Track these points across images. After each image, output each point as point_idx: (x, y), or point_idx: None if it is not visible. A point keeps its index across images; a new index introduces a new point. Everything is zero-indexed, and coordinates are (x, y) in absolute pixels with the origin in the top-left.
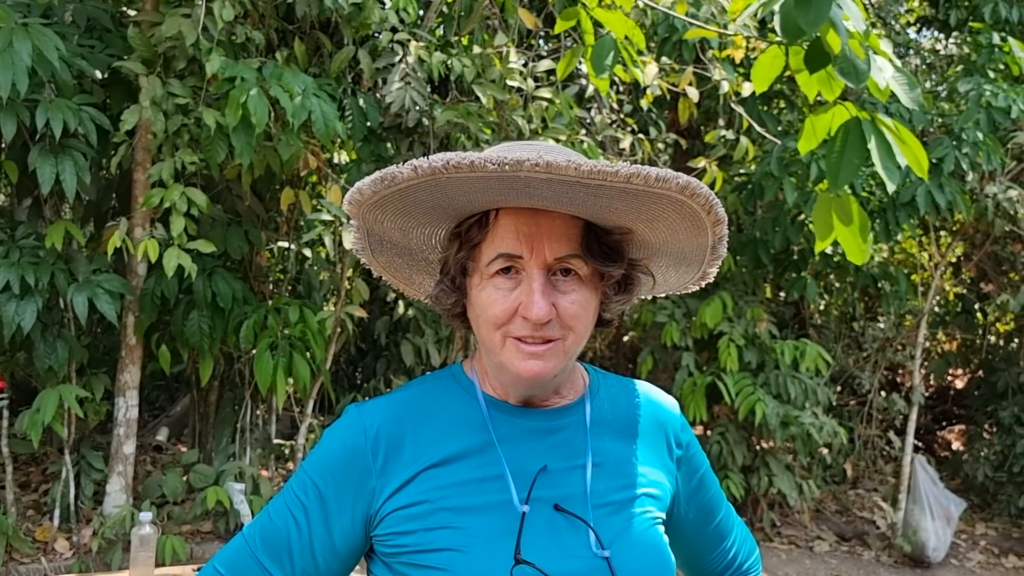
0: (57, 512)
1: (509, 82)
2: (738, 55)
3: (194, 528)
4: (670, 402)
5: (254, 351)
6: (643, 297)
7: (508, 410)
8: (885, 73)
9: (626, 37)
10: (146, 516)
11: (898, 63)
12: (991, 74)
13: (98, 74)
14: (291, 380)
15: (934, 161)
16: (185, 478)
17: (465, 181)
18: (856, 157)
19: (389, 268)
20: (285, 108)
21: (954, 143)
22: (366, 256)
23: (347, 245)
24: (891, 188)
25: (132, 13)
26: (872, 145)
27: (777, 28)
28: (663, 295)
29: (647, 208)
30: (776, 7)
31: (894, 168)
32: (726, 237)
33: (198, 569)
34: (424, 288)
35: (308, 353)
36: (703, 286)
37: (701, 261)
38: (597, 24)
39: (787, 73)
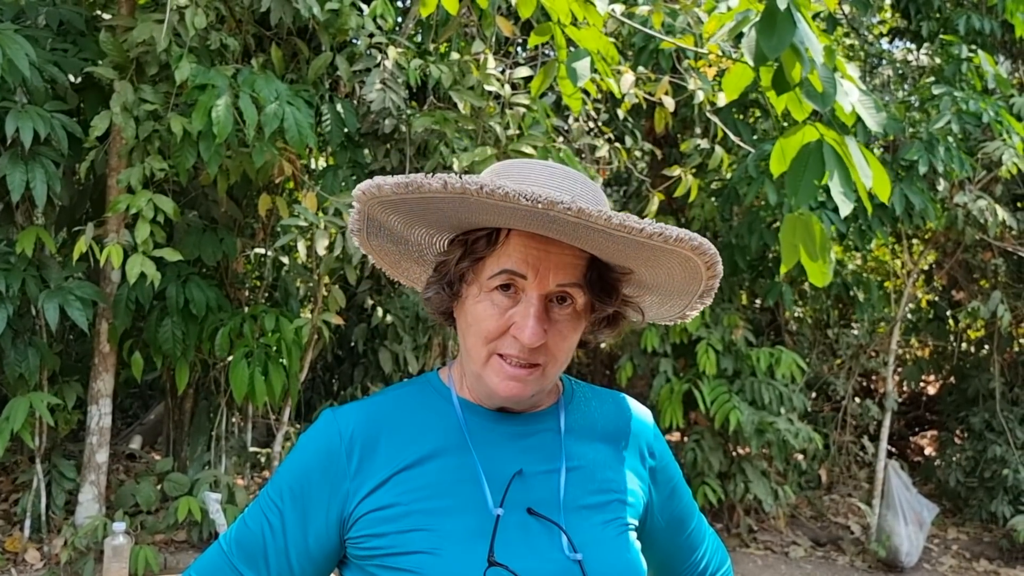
0: (28, 522)
1: (487, 87)
2: (710, 73)
3: (168, 538)
4: (644, 412)
5: (230, 359)
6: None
7: (483, 414)
8: (851, 97)
9: (599, 52)
10: (119, 526)
11: (863, 87)
12: (962, 85)
13: (71, 79)
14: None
15: (906, 164)
16: (159, 487)
17: (491, 205)
18: (816, 179)
19: (379, 252)
20: (247, 119)
21: (926, 148)
22: (360, 237)
23: (320, 251)
24: (844, 212)
25: (107, 17)
26: (831, 170)
27: (745, 53)
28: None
29: (655, 257)
30: (746, 28)
31: (850, 193)
32: (716, 288)
33: None
34: (409, 274)
35: (283, 362)
36: (677, 323)
37: (685, 305)
38: (571, 41)
39: (760, 86)
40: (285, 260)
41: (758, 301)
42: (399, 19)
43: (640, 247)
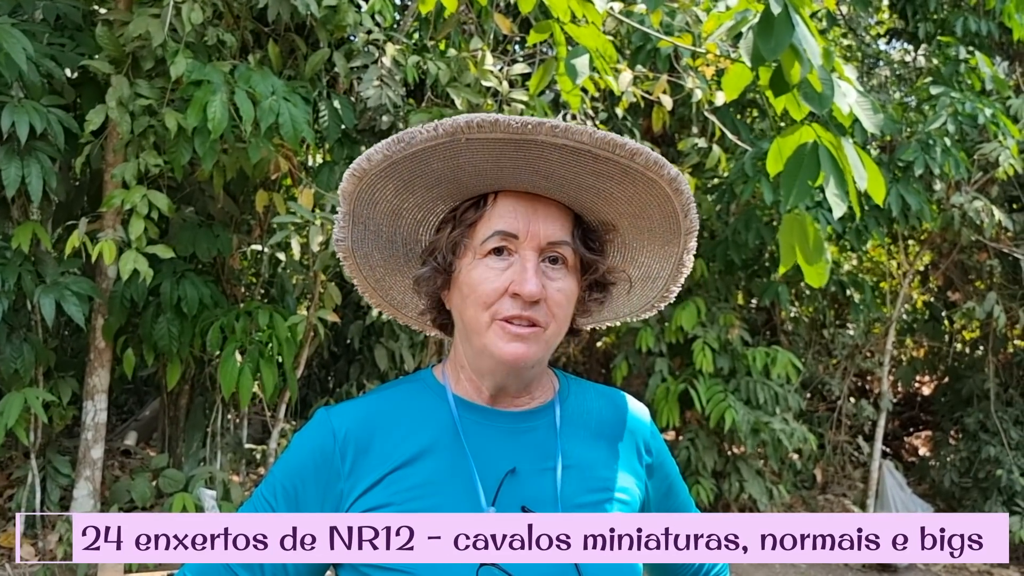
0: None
1: (484, 83)
2: (708, 72)
3: None
4: (641, 409)
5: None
6: (608, 324)
7: (478, 411)
8: (849, 98)
9: (597, 50)
10: None
11: (861, 88)
12: (960, 87)
13: (68, 73)
14: (257, 384)
15: (902, 165)
16: (154, 483)
17: (480, 147)
18: (810, 179)
19: (364, 265)
20: (244, 115)
21: (922, 149)
22: (344, 248)
23: (314, 247)
24: (837, 214)
25: (104, 12)
26: (825, 172)
27: (743, 54)
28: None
29: (638, 198)
30: (745, 29)
31: (843, 195)
32: (693, 249)
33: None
34: (392, 294)
35: (278, 358)
36: (661, 308)
37: (666, 276)
38: (570, 39)
39: (759, 85)
40: (282, 257)
41: (754, 301)
42: (397, 16)
43: (624, 180)
